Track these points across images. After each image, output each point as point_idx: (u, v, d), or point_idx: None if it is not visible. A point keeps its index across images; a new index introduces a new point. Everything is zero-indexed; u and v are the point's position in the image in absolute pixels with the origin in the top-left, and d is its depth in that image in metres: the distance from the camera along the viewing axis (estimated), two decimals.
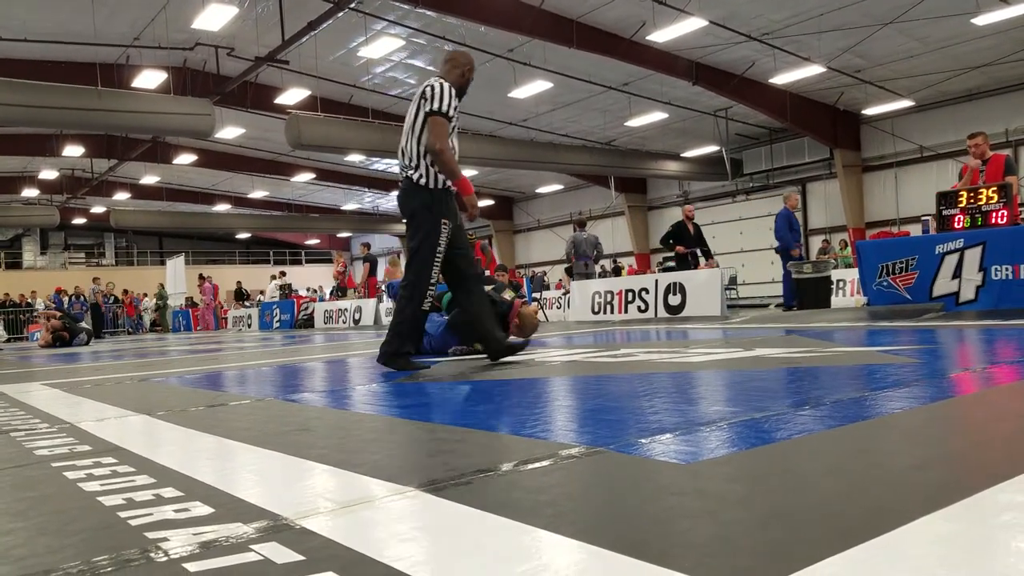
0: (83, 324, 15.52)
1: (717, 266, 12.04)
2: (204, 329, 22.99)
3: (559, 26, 15.77)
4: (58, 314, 14.92)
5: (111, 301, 26.28)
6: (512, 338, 5.12)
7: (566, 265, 14.68)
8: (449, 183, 4.19)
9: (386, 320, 13.39)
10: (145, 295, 28.58)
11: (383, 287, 16.10)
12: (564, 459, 1.59)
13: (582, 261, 13.51)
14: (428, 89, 4.11)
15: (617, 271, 22.44)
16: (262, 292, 23.74)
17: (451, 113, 4.13)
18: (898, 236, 9.58)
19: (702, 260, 12.11)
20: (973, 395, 2.34)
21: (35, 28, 15.67)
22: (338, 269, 19.58)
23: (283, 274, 23.53)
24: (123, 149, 23.41)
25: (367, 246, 18.14)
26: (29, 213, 29.67)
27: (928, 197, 9.14)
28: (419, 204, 4.15)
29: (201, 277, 24.51)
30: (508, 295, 5.62)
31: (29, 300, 26.08)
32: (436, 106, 4.06)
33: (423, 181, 4.14)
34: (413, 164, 4.16)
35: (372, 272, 17.43)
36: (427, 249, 4.11)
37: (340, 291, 18.99)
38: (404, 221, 4.33)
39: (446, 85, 4.16)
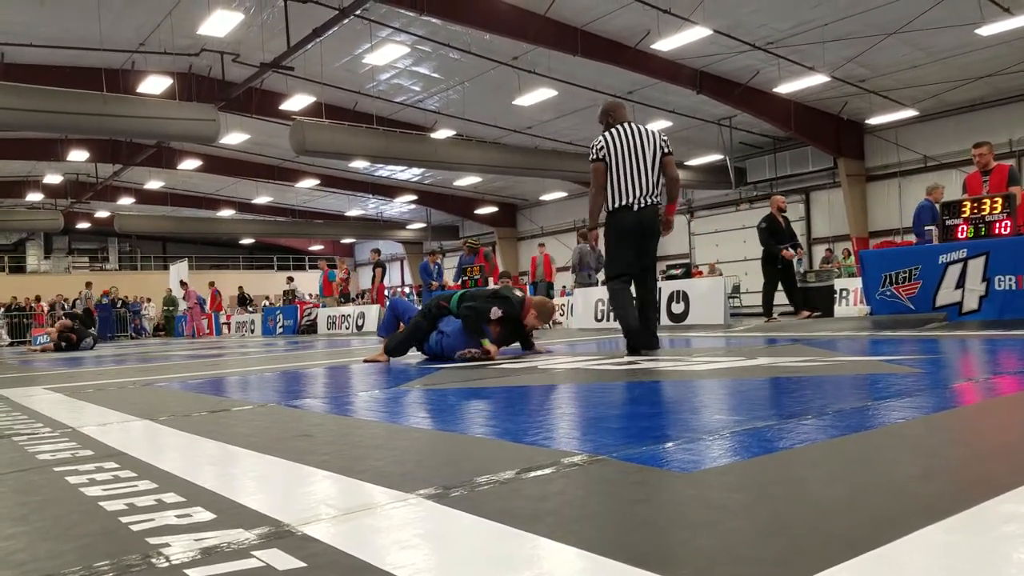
0: (91, 329, 15.61)
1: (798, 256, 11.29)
2: (194, 336, 22.95)
3: (564, 34, 15.83)
4: (67, 319, 15.01)
5: (118, 304, 26.36)
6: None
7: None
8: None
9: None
10: (148, 299, 28.64)
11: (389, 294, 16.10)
12: (566, 467, 1.59)
13: (585, 272, 13.55)
14: (663, 139, 5.38)
15: None
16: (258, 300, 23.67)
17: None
18: (901, 246, 9.57)
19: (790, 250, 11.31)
20: (976, 406, 2.34)
21: (40, 33, 15.76)
22: (341, 276, 19.60)
23: (291, 279, 23.58)
24: (128, 154, 23.50)
25: (377, 252, 18.16)
26: (33, 217, 29.76)
27: None
28: (660, 222, 5.35)
29: (183, 283, 24.52)
30: (517, 292, 5.71)
31: (33, 304, 26.16)
32: (671, 149, 5.41)
33: (661, 206, 5.35)
34: (656, 192, 5.31)
35: (383, 277, 17.47)
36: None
37: (344, 298, 19.01)
38: (643, 236, 5.38)
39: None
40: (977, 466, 1.49)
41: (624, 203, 5.29)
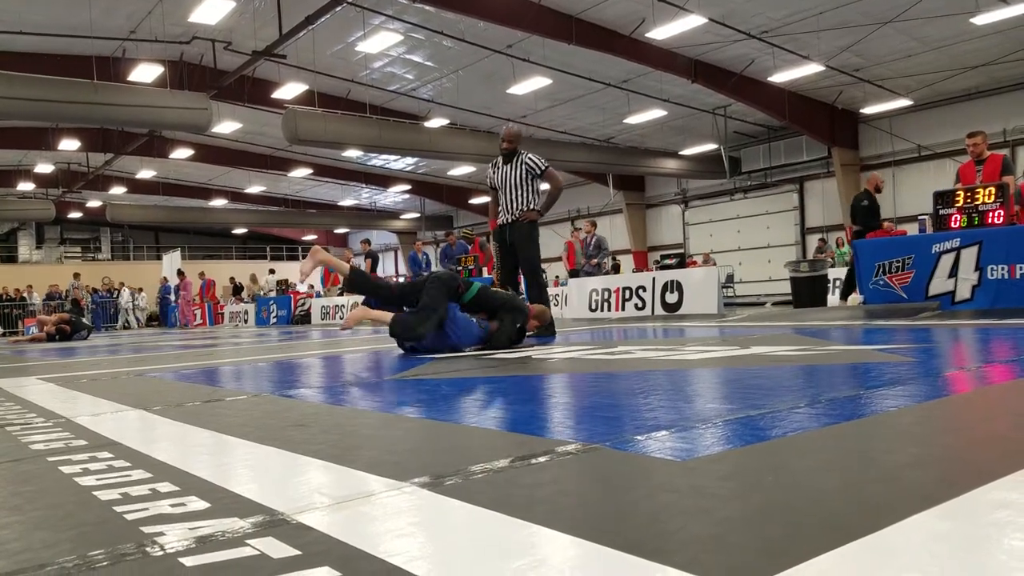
0: (84, 320, 15.60)
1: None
2: (187, 325, 22.90)
3: (559, 22, 15.77)
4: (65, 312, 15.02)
5: (114, 295, 26.29)
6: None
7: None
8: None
9: None
10: (140, 289, 28.51)
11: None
12: (560, 456, 1.60)
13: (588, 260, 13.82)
14: None
15: (615, 268, 22.45)
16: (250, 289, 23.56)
17: (487, 179, 6.87)
18: (895, 235, 9.60)
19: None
20: (967, 394, 2.35)
21: (31, 20, 15.61)
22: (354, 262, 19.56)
23: (272, 271, 23.60)
24: (119, 143, 23.35)
25: (367, 242, 18.14)
26: (25, 207, 29.59)
27: (925, 196, 9.14)
28: None
29: (180, 273, 24.58)
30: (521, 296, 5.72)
31: (24, 295, 26.03)
32: None
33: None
34: None
35: (374, 268, 17.46)
36: None
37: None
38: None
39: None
40: (968, 454, 1.50)
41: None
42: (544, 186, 6.78)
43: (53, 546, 1.16)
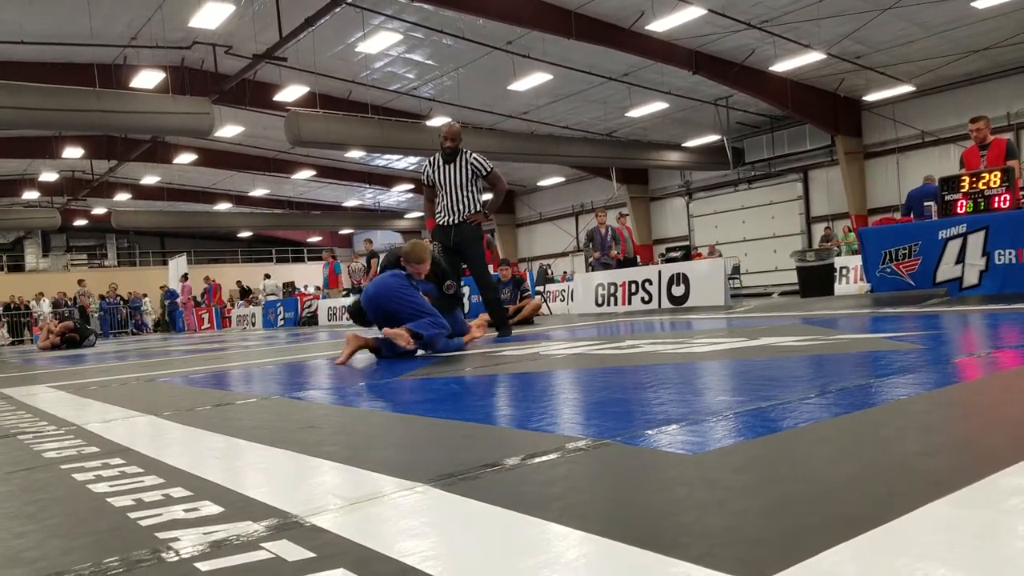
0: (90, 327, 15.71)
1: None
2: (196, 330, 23.00)
3: (558, 17, 15.73)
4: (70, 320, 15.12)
5: (118, 302, 26.41)
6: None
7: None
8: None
9: None
10: (145, 295, 28.60)
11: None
12: (571, 452, 1.60)
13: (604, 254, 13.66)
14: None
15: (621, 263, 22.38)
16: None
17: (423, 175, 6.53)
18: (900, 222, 9.56)
19: None
20: (978, 380, 2.34)
21: (31, 30, 15.65)
22: (355, 266, 19.65)
23: (268, 276, 23.73)
24: (123, 150, 23.40)
25: (370, 242, 18.18)
26: (30, 215, 29.68)
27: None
28: None
29: (185, 277, 24.75)
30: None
31: (32, 302, 26.15)
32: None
33: None
34: None
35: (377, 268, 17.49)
36: None
37: (358, 290, 18.98)
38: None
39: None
40: (981, 440, 1.49)
41: None
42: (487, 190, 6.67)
43: (68, 553, 1.17)
